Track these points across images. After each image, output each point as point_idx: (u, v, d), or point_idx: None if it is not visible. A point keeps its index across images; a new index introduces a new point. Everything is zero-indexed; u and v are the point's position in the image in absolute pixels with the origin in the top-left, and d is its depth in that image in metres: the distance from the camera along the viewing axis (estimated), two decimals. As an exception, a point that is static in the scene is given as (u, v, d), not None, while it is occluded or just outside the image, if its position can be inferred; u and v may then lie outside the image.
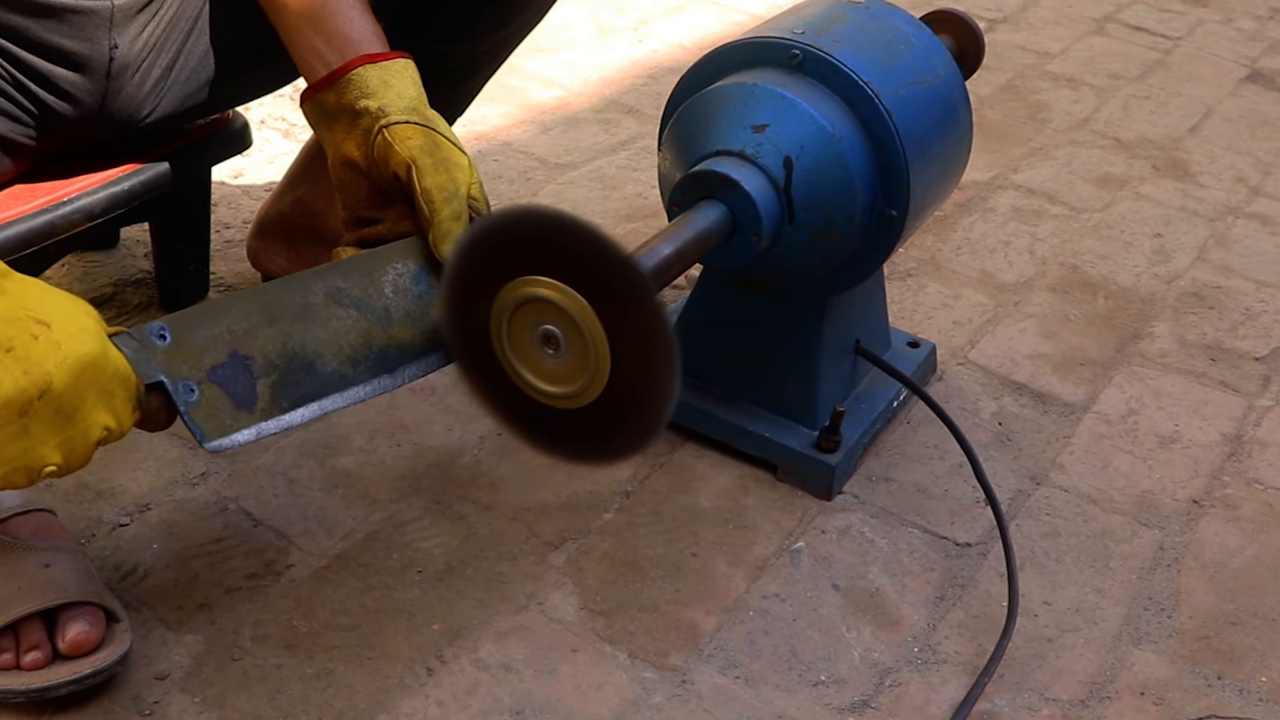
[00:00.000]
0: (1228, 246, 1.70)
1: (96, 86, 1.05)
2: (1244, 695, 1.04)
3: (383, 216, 1.00)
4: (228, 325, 0.87)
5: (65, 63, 1.02)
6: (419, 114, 0.97)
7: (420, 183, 0.94)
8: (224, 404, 0.85)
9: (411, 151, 0.94)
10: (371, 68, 0.97)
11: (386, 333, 0.94)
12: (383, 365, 0.93)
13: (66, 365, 0.75)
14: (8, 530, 0.95)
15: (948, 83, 1.17)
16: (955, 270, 1.59)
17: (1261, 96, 2.19)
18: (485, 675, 0.99)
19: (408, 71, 0.99)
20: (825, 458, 1.18)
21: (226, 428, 0.85)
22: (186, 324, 0.85)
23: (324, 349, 0.90)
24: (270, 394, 0.87)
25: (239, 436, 0.85)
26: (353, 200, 1.00)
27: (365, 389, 0.92)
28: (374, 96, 0.96)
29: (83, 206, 1.10)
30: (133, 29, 1.05)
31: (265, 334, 0.88)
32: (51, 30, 1.00)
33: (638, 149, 1.81)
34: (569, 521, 1.14)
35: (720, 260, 1.05)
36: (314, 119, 1.01)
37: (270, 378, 0.87)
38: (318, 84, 0.99)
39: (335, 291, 0.92)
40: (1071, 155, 1.92)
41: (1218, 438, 1.33)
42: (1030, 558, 1.15)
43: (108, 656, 0.92)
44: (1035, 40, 2.34)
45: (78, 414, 0.76)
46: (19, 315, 0.75)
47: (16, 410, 0.74)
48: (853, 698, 1.00)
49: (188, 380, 0.84)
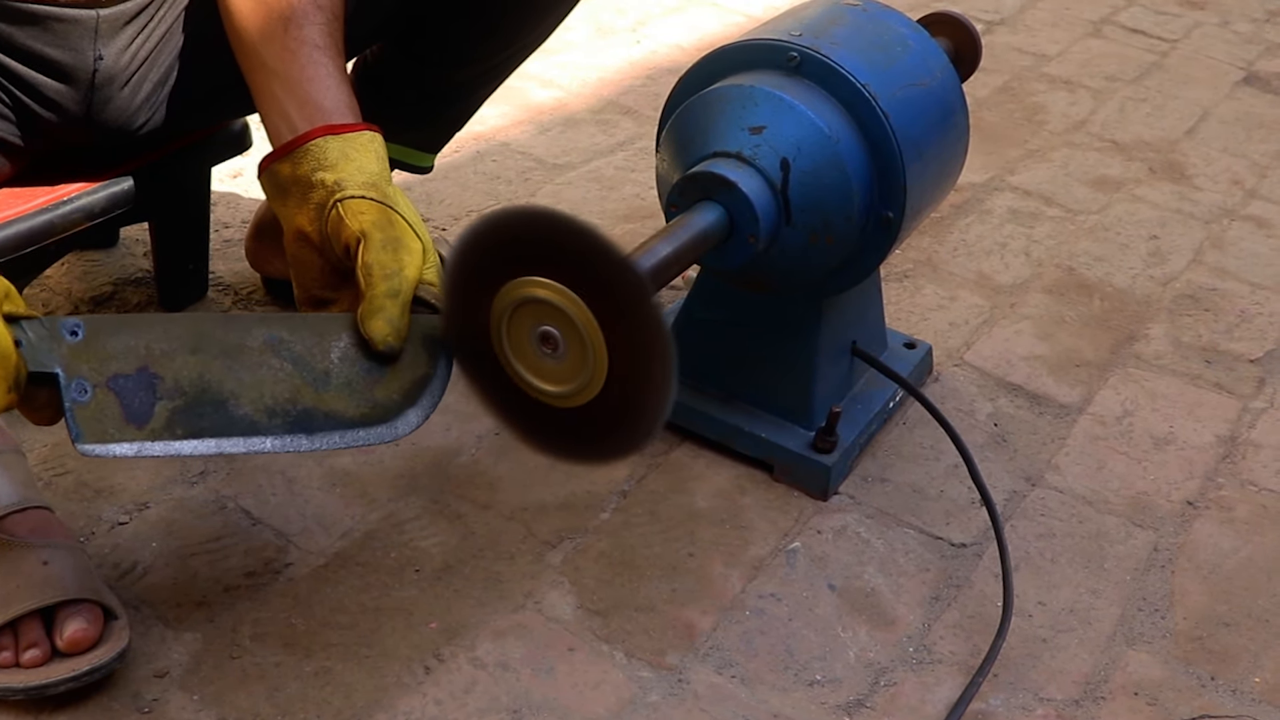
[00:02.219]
0: (1223, 249, 1.71)
1: (81, 96, 1.04)
2: (1237, 696, 1.04)
3: (337, 296, 0.95)
4: (148, 341, 0.86)
5: (49, 71, 1.01)
6: (377, 190, 0.92)
7: (363, 256, 0.89)
8: (114, 413, 0.83)
9: (363, 225, 0.89)
10: (333, 139, 0.92)
11: (318, 395, 0.90)
12: (302, 425, 0.89)
13: None
14: (5, 528, 0.95)
15: (945, 85, 1.17)
16: (952, 272, 1.59)
17: (1258, 99, 2.19)
18: (483, 674, 0.99)
19: (372, 145, 0.94)
20: (821, 458, 1.18)
21: (108, 436, 0.83)
22: (105, 328, 0.85)
23: (241, 392, 0.88)
24: (167, 417, 0.85)
25: (117, 448, 0.83)
26: (306, 279, 0.95)
27: (274, 442, 0.89)
28: (332, 169, 0.91)
29: (83, 206, 1.11)
30: (119, 41, 1.04)
31: (184, 360, 0.87)
32: (35, 38, 0.99)
33: (636, 150, 1.82)
34: (566, 521, 1.14)
35: (717, 261, 1.05)
36: (269, 190, 0.95)
37: (174, 402, 0.86)
38: (274, 154, 0.94)
39: (275, 341, 0.90)
40: (1068, 157, 1.92)
41: (1212, 439, 1.34)
42: (1025, 558, 1.16)
43: (106, 654, 0.92)
44: (1032, 42, 2.34)
45: None
46: None
47: None
48: (848, 697, 1.01)
49: (83, 380, 0.82)
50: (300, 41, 0.95)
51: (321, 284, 0.95)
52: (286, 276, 1.36)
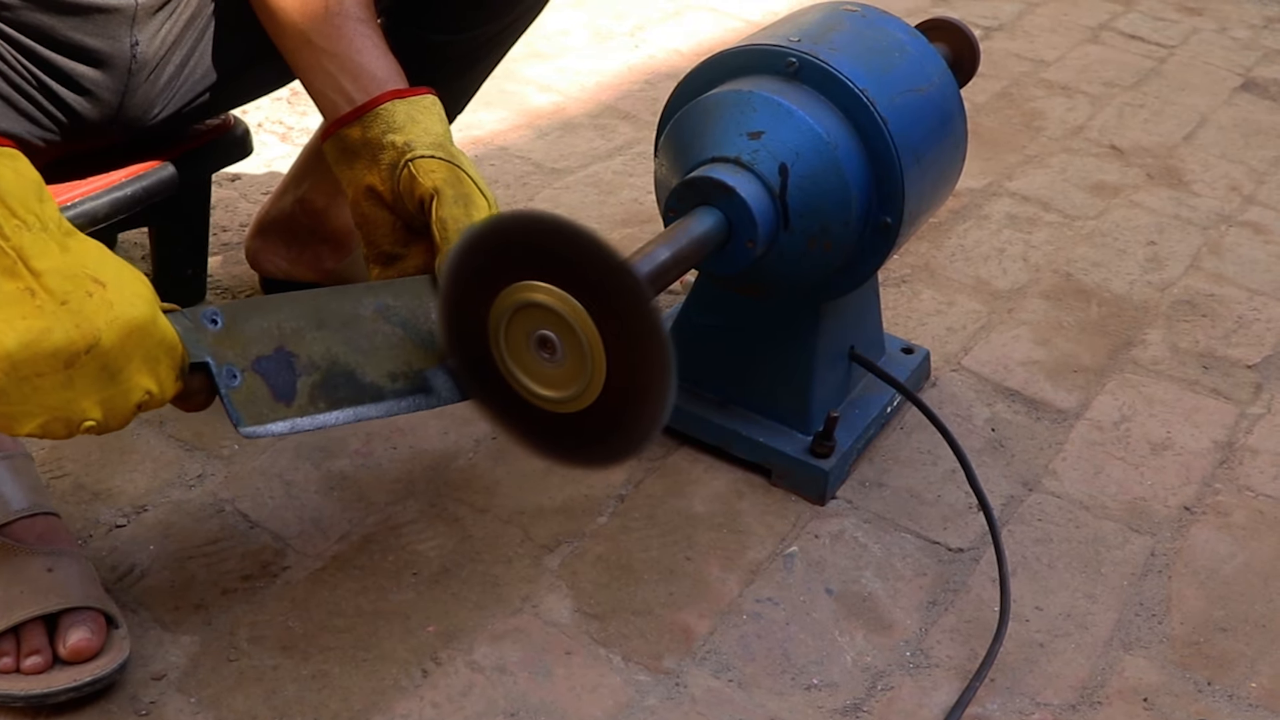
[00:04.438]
0: (1221, 255, 1.71)
1: (117, 84, 1.06)
2: (1234, 701, 1.04)
3: (407, 251, 1.00)
4: (278, 321, 0.90)
5: (89, 60, 1.04)
6: (444, 149, 0.97)
7: (437, 211, 0.94)
8: (264, 394, 0.87)
9: (435, 182, 0.95)
10: (400, 103, 0.98)
11: (427, 355, 0.95)
12: (421, 386, 0.94)
13: (116, 324, 0.77)
14: (13, 533, 0.95)
15: (943, 91, 1.17)
16: (949, 277, 1.60)
17: (1255, 105, 2.20)
18: (480, 677, 0.99)
19: (435, 108, 1.00)
20: (819, 463, 1.19)
21: (263, 416, 0.87)
22: (239, 313, 0.88)
23: (365, 360, 0.92)
24: (309, 392, 0.90)
25: (274, 427, 0.87)
26: (376, 235, 1.00)
27: (401, 404, 0.93)
28: (400, 131, 0.97)
29: (86, 211, 1.11)
30: (152, 26, 1.06)
31: (313, 336, 0.91)
32: (77, 29, 1.02)
33: (634, 154, 1.82)
34: (564, 525, 1.14)
35: (716, 266, 1.06)
36: (335, 155, 1.01)
37: (311, 377, 0.90)
38: (343, 119, 0.99)
39: (384, 308, 0.94)
40: (1066, 163, 1.93)
41: (1209, 445, 1.34)
42: (1022, 563, 1.16)
43: (108, 664, 0.92)
44: (1030, 48, 2.35)
45: (122, 374, 0.78)
46: (78, 272, 0.78)
47: (63, 361, 0.76)
48: (845, 701, 1.01)
49: (232, 366, 0.86)
50: (344, 17, 1.01)
51: (392, 240, 1.00)
52: (286, 276, 1.38)
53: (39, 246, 0.77)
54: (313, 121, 1.73)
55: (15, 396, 0.76)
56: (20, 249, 0.76)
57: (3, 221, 0.76)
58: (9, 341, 0.75)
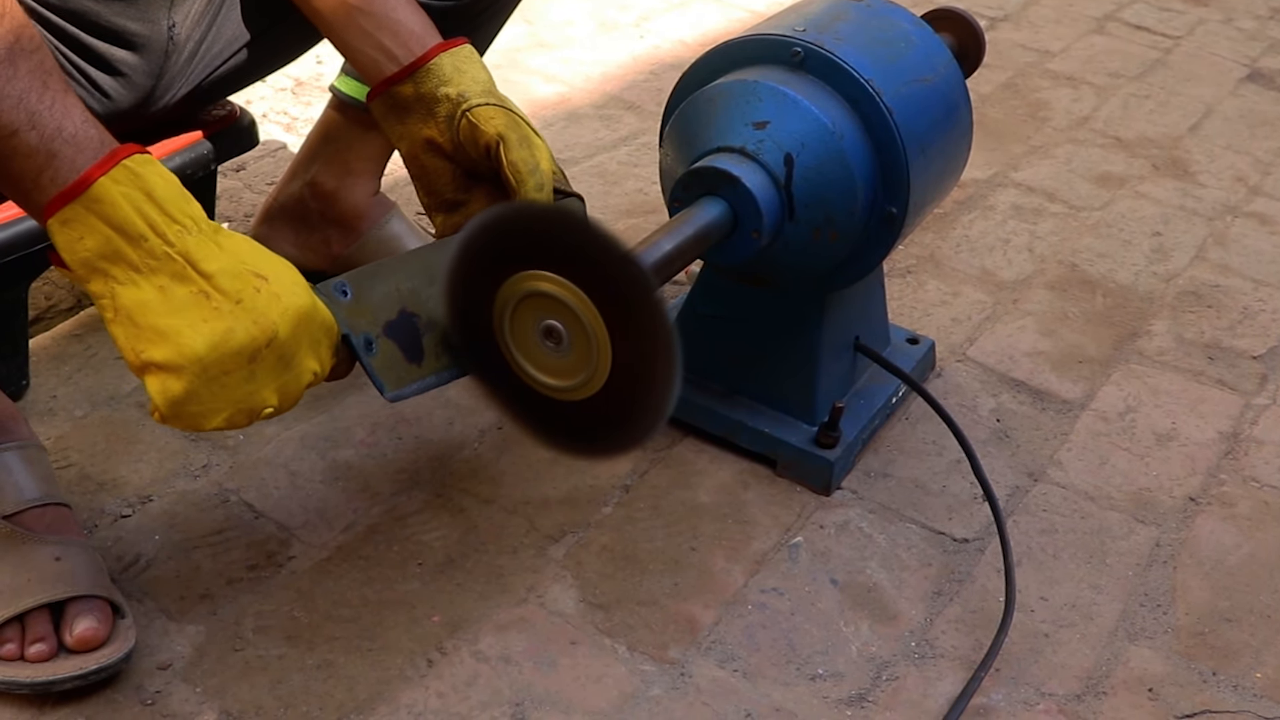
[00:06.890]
0: (1226, 245, 1.71)
1: (153, 68, 1.08)
2: (1239, 691, 1.04)
3: (468, 198, 1.03)
4: (396, 284, 0.92)
5: (127, 44, 1.05)
6: (494, 95, 1.01)
7: (507, 156, 0.97)
8: (398, 358, 0.90)
9: (498, 128, 0.98)
10: (445, 56, 1.00)
11: None
12: None
13: (288, 315, 0.80)
14: (24, 522, 0.95)
15: (948, 81, 1.17)
16: (955, 267, 1.59)
17: (1261, 96, 2.19)
18: (485, 667, 0.99)
19: (474, 56, 1.02)
20: (824, 453, 1.19)
21: (403, 380, 0.90)
22: (364, 281, 0.90)
23: None
24: (434, 349, 0.92)
25: (411, 388, 0.90)
26: (438, 185, 1.03)
27: None
28: (451, 84, 1.00)
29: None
30: (186, 6, 1.08)
31: (428, 293, 0.93)
32: (119, 14, 1.03)
33: (639, 145, 1.82)
34: (569, 515, 1.14)
35: (721, 256, 1.05)
36: (383, 112, 1.03)
37: (433, 334, 0.93)
38: (393, 78, 1.01)
39: None
40: (1071, 154, 1.92)
41: (1215, 436, 1.34)
42: (1027, 554, 1.16)
43: (114, 653, 0.92)
44: (1036, 39, 2.34)
45: (294, 360, 0.82)
46: (240, 270, 0.80)
47: (248, 357, 0.79)
48: (850, 691, 1.01)
49: (367, 334, 0.89)
50: None
51: (454, 188, 1.03)
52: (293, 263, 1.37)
53: (203, 249, 0.79)
54: (317, 111, 1.73)
55: (205, 396, 0.79)
56: (187, 253, 0.78)
57: (165, 228, 0.78)
58: (198, 345, 0.77)
